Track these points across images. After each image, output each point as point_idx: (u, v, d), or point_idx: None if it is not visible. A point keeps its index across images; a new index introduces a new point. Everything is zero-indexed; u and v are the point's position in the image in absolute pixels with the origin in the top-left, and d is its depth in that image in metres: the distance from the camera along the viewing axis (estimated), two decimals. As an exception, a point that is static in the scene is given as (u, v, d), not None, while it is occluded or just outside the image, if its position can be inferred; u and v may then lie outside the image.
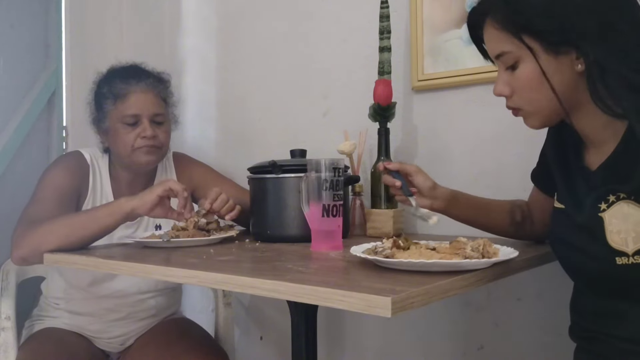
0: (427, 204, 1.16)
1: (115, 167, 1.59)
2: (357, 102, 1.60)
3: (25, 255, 1.29)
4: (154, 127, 1.51)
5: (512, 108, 1.02)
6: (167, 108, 1.58)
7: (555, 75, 0.94)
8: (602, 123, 0.96)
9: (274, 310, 1.97)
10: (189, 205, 1.35)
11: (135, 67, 1.59)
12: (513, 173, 1.27)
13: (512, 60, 0.97)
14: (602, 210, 0.94)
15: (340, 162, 1.18)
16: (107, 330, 1.59)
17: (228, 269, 0.97)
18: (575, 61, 0.93)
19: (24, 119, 2.02)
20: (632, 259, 0.90)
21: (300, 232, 1.31)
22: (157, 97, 1.54)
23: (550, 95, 0.95)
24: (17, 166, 1.99)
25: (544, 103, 0.96)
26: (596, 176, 0.98)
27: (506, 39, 0.96)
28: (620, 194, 0.92)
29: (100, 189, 1.56)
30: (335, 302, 0.76)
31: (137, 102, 1.50)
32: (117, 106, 1.50)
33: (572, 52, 0.92)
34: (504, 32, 0.96)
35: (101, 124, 1.54)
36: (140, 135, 1.49)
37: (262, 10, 1.96)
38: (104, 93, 1.53)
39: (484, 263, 0.91)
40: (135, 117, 1.49)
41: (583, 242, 0.97)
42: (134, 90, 1.50)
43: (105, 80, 1.56)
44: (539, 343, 1.43)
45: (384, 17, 1.50)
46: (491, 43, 1.00)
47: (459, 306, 1.55)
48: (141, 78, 1.53)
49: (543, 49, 0.93)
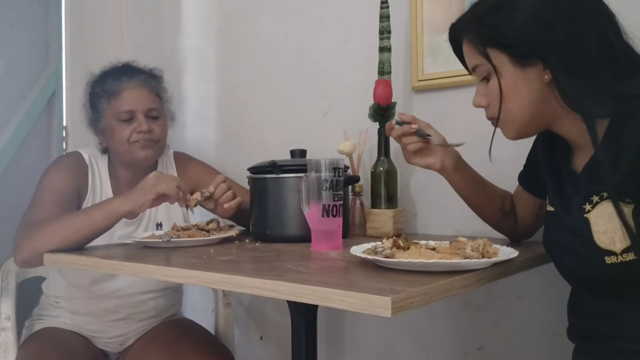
0: (438, 159, 1.18)
1: (115, 166, 1.59)
2: (357, 102, 1.60)
3: (27, 258, 1.30)
4: (149, 121, 1.52)
5: (490, 119, 1.06)
6: (161, 103, 1.59)
7: (523, 86, 0.98)
8: (581, 126, 0.96)
9: (274, 310, 1.97)
10: (185, 192, 1.34)
11: (127, 65, 1.61)
12: (511, 173, 1.27)
13: (484, 72, 1.02)
14: (587, 211, 0.94)
15: (340, 162, 1.18)
16: (106, 330, 1.59)
17: (228, 269, 0.97)
18: (542, 72, 0.96)
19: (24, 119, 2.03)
20: (620, 257, 0.90)
21: (300, 232, 1.31)
22: (150, 92, 1.55)
23: (520, 106, 0.99)
24: (17, 166, 1.99)
25: (516, 113, 1.00)
26: (581, 178, 1.00)
27: (476, 52, 1.02)
28: (603, 194, 0.93)
29: (100, 189, 1.56)
30: (335, 302, 0.76)
31: (130, 98, 1.51)
32: (112, 104, 1.51)
33: (538, 63, 0.96)
34: (474, 46, 1.02)
35: (97, 123, 1.55)
36: (135, 130, 1.50)
37: (262, 10, 1.96)
38: (98, 93, 1.54)
39: (483, 263, 0.91)
40: (130, 113, 1.50)
41: (573, 244, 0.98)
42: (127, 87, 1.52)
43: (98, 80, 1.57)
44: (539, 343, 1.43)
45: (383, 17, 1.50)
46: (467, 57, 1.06)
47: (459, 306, 1.55)
48: (133, 75, 1.54)
49: (510, 62, 0.98)
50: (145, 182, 1.31)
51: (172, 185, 1.30)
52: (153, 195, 1.28)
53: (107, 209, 1.29)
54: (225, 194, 1.41)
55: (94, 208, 1.34)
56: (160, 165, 1.65)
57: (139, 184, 1.32)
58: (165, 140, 1.60)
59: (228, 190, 1.41)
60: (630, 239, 0.89)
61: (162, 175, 1.32)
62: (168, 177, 1.33)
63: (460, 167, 1.21)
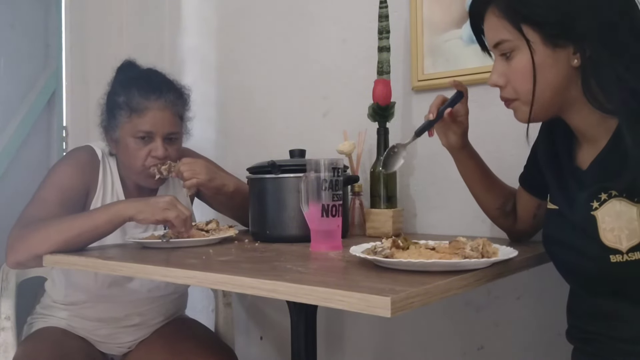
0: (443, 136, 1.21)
1: (122, 169, 1.56)
2: (357, 102, 1.60)
3: (22, 260, 1.27)
4: (166, 144, 1.47)
5: (505, 99, 1.03)
6: (182, 125, 1.54)
7: (551, 67, 0.95)
8: (595, 119, 0.96)
9: (274, 310, 1.97)
10: (190, 230, 1.33)
11: (156, 76, 1.52)
12: (511, 173, 1.27)
13: (508, 49, 0.98)
14: (594, 208, 0.94)
15: (340, 162, 1.18)
16: (117, 336, 1.57)
17: (227, 270, 0.97)
18: (572, 56, 0.94)
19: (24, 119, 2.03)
20: (626, 257, 0.90)
21: (300, 232, 1.31)
22: (174, 115, 1.48)
23: (544, 87, 0.96)
24: (17, 166, 1.99)
25: (537, 95, 0.97)
26: (587, 175, 0.99)
27: (506, 27, 0.97)
28: (612, 192, 0.92)
29: (110, 186, 1.52)
30: (334, 302, 0.76)
31: (153, 120, 1.44)
32: (132, 120, 1.44)
33: (569, 46, 0.94)
34: (504, 21, 0.97)
35: (111, 132, 1.49)
36: (151, 154, 1.45)
37: (262, 11, 1.96)
38: (120, 103, 1.46)
39: (483, 263, 0.91)
40: (148, 134, 1.45)
41: (577, 242, 0.97)
42: (152, 107, 1.44)
43: (122, 87, 1.48)
44: (539, 343, 1.43)
45: (382, 17, 1.50)
46: (491, 31, 1.01)
47: (458, 306, 1.55)
48: (162, 94, 1.46)
49: (541, 41, 0.94)
50: (157, 202, 1.28)
51: (181, 218, 1.28)
52: (159, 218, 1.27)
53: (110, 212, 1.27)
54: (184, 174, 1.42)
55: (97, 211, 1.32)
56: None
57: (152, 199, 1.30)
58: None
59: (186, 172, 1.42)
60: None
61: (177, 204, 1.30)
62: (181, 208, 1.30)
63: (468, 149, 1.23)
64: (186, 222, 1.29)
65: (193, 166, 1.44)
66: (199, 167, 1.45)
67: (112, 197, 1.52)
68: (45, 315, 1.58)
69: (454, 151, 1.23)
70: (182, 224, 1.28)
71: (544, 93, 0.97)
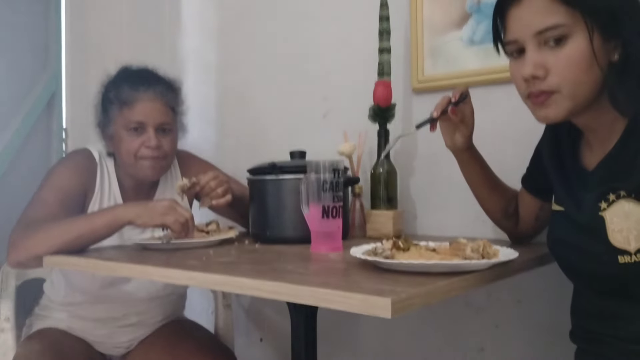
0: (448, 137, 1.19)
1: (121, 170, 1.57)
2: (357, 103, 1.60)
3: (22, 260, 1.29)
4: (159, 136, 1.47)
5: (541, 92, 0.94)
6: (174, 117, 1.54)
7: (601, 59, 0.91)
8: (609, 120, 0.95)
9: (274, 312, 1.97)
10: (191, 232, 1.33)
11: (146, 72, 1.54)
12: (512, 174, 1.27)
13: (559, 34, 0.90)
14: (602, 209, 0.93)
15: (340, 163, 1.18)
16: (114, 336, 1.58)
17: (228, 271, 0.96)
18: (612, 50, 0.92)
19: (24, 120, 2.03)
20: (634, 257, 0.89)
21: (300, 234, 1.31)
22: (165, 106, 1.49)
23: (593, 79, 0.91)
24: (17, 167, 1.99)
25: (585, 86, 0.91)
26: (595, 175, 0.98)
27: (560, 11, 0.90)
28: (620, 192, 0.92)
29: (108, 189, 1.53)
30: (335, 304, 0.76)
31: (143, 110, 1.45)
32: (123, 112, 1.46)
33: (613, 41, 0.91)
34: (558, 4, 0.90)
35: (106, 128, 1.51)
36: (144, 144, 1.46)
37: (262, 12, 1.96)
38: (110, 98, 1.49)
39: (483, 264, 0.91)
40: (140, 124, 1.45)
41: (585, 243, 0.97)
42: (141, 98, 1.45)
43: (113, 84, 1.51)
44: (540, 344, 1.42)
45: (383, 18, 1.50)
46: (537, 15, 0.92)
47: (459, 307, 1.55)
48: (150, 85, 1.48)
49: (598, 29, 0.89)
50: (156, 206, 1.29)
51: (180, 222, 1.28)
52: (158, 222, 1.27)
53: (109, 217, 1.28)
54: (215, 191, 1.40)
55: (97, 214, 1.33)
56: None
57: (151, 203, 1.31)
58: (173, 155, 1.56)
59: (218, 188, 1.41)
60: None
61: (176, 207, 1.29)
62: (182, 212, 1.29)
63: (472, 150, 1.21)
64: (185, 225, 1.29)
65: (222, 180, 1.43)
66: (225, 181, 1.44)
67: (109, 199, 1.52)
68: (44, 316, 1.59)
69: (458, 153, 1.22)
70: (180, 228, 1.28)
71: (592, 84, 0.91)
